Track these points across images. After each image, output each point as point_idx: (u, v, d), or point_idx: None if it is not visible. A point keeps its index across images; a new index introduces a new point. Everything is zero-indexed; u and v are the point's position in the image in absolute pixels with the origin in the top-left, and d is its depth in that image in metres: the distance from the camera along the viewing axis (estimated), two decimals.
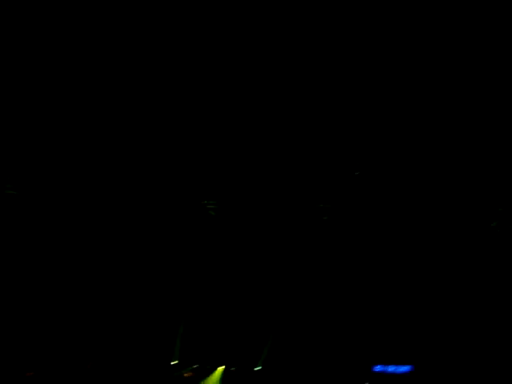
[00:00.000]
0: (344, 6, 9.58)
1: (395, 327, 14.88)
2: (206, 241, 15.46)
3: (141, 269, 15.22)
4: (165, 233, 15.16)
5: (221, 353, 15.44)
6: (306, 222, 14.62)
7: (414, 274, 14.92)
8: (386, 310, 15.04)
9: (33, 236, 14.69)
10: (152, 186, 13.96)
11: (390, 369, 15.01)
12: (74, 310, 14.83)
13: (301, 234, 15.03)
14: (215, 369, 15.66)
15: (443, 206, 13.87)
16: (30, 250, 14.67)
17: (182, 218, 14.93)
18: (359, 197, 13.86)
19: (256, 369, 15.49)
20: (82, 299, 14.92)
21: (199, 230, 15.27)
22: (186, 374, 15.19)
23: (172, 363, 15.38)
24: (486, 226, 14.15)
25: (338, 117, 11.75)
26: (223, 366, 15.65)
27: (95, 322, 14.87)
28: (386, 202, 13.93)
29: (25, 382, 12.50)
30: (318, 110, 11.58)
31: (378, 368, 15.01)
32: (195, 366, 15.75)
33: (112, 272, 15.13)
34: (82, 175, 13.73)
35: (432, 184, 13.42)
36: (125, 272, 15.18)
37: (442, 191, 13.52)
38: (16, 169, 13.79)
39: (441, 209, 13.94)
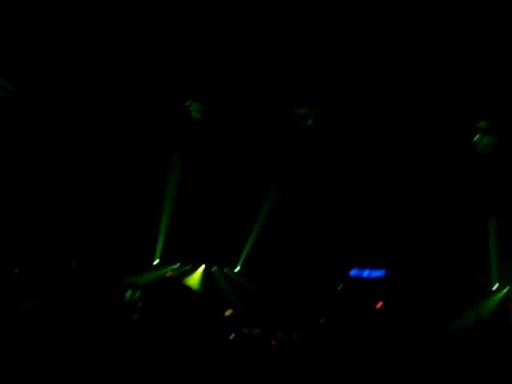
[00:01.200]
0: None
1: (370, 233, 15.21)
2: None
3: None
4: None
5: (200, 254, 15.75)
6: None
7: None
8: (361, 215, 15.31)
9: None
10: None
11: (365, 273, 15.59)
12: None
13: None
14: (196, 268, 16.12)
15: None
16: None
17: None
18: None
19: (236, 270, 15.97)
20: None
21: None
22: (167, 274, 15.61)
23: (154, 263, 15.79)
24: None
25: None
26: (203, 265, 16.10)
27: (80, 221, 15.00)
28: None
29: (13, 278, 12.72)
30: None
31: (353, 272, 15.59)
32: (176, 266, 16.13)
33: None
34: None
35: None
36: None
37: None
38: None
39: None
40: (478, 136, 14.43)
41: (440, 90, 12.75)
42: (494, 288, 15.23)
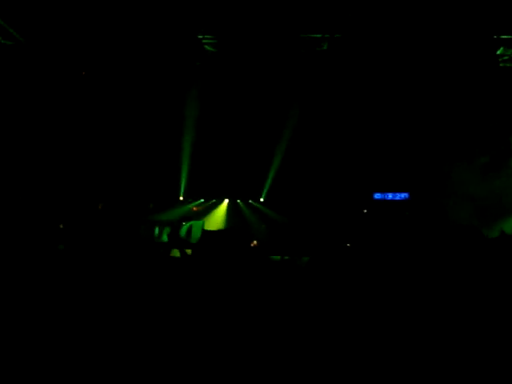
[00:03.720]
0: None
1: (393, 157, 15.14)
2: None
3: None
4: None
5: (223, 188, 15.94)
6: None
7: None
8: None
9: None
10: None
11: (389, 196, 15.67)
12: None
13: None
14: (220, 202, 16.39)
15: None
16: None
17: None
18: None
19: (261, 199, 16.15)
20: None
21: None
22: (194, 208, 15.92)
23: (180, 198, 16.06)
24: None
25: None
26: (227, 199, 16.34)
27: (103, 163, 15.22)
28: None
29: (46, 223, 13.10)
30: None
31: (377, 196, 15.68)
32: (201, 201, 16.40)
33: None
34: None
35: None
36: None
37: None
38: None
39: None
40: (501, 49, 13.98)
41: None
42: None
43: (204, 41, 14.27)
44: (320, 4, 12.46)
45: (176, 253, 5.22)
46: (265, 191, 16.01)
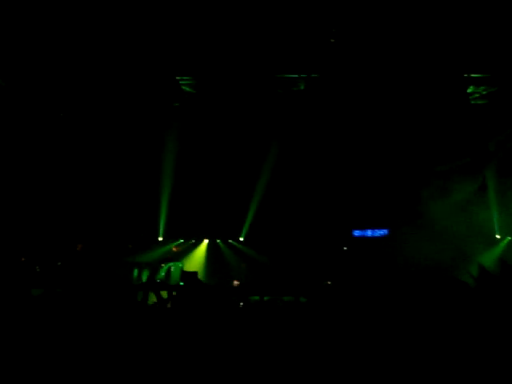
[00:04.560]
0: None
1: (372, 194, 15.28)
2: None
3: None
4: None
5: (202, 229, 15.88)
6: None
7: None
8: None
9: None
10: None
11: (368, 233, 15.75)
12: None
13: None
14: (200, 242, 16.28)
15: None
16: None
17: None
18: None
19: (241, 239, 16.10)
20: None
21: None
22: (174, 249, 15.77)
23: (159, 239, 15.93)
24: None
25: None
26: (206, 239, 16.26)
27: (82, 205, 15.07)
28: None
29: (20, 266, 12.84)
30: None
31: (357, 232, 15.75)
32: (180, 241, 16.28)
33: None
34: None
35: None
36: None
37: None
38: None
39: None
40: (471, 88, 14.38)
41: (433, 45, 12.58)
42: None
43: (182, 82, 14.40)
44: (296, 45, 12.69)
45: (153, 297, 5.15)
46: (244, 230, 15.97)
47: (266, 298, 7.83)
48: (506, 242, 15.48)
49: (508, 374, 2.74)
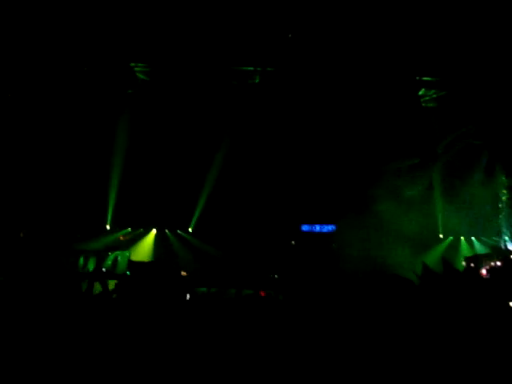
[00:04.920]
0: None
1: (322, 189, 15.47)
2: None
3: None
4: None
5: (151, 218, 15.70)
6: None
7: None
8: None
9: None
10: None
11: (316, 228, 15.97)
12: None
13: None
14: (148, 232, 16.11)
15: None
16: None
17: None
18: None
19: (190, 230, 16.02)
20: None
21: None
22: (121, 237, 15.54)
23: (107, 227, 15.66)
24: None
25: None
26: (155, 229, 16.10)
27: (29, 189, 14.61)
28: None
29: None
30: None
31: (305, 227, 15.95)
32: (128, 230, 16.06)
33: None
34: None
35: None
36: None
37: None
38: None
39: None
40: (422, 90, 14.79)
41: (385, 46, 12.85)
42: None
43: (136, 69, 14.20)
44: (253, 38, 12.71)
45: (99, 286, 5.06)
46: (193, 221, 15.89)
47: (213, 290, 7.85)
48: (448, 241, 16.03)
49: (449, 367, 2.84)
